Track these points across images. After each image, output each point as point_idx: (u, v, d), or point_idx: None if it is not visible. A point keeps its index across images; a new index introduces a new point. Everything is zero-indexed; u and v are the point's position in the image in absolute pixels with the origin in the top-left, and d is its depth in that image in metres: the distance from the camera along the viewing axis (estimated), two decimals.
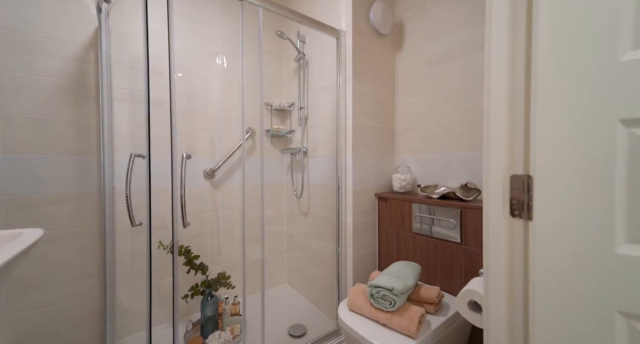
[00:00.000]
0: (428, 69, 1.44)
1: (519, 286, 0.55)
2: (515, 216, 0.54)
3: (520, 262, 0.54)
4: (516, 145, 0.54)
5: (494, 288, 0.58)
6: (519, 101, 0.53)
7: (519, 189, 0.53)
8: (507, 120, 0.55)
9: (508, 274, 0.56)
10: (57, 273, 1.25)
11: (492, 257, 0.58)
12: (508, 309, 0.56)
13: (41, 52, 1.20)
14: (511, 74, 0.54)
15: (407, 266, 1.06)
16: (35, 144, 1.20)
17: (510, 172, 0.55)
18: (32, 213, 1.19)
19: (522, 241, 0.54)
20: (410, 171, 1.50)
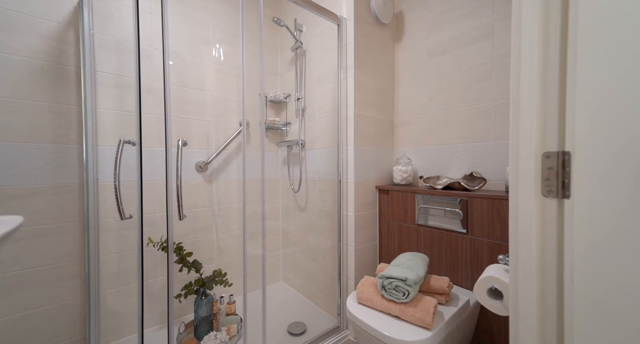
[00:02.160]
0: (429, 59, 1.43)
1: (552, 269, 0.52)
2: (548, 195, 0.52)
3: (554, 243, 0.52)
4: (549, 119, 0.51)
5: (524, 273, 0.56)
6: (553, 69, 0.51)
7: (553, 167, 0.51)
8: (539, 92, 0.52)
9: (539, 258, 0.54)
10: (33, 274, 1.13)
11: (522, 240, 0.56)
12: (539, 295, 0.54)
13: (13, 29, 1.08)
14: (544, 35, 0.51)
15: (416, 257, 1.03)
16: (6, 131, 1.07)
17: (542, 150, 0.53)
18: (4, 207, 1.06)
19: (556, 221, 0.52)
20: (411, 163, 1.48)
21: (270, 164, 1.90)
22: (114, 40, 1.28)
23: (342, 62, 1.39)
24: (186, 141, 1.10)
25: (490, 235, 1.06)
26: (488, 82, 1.20)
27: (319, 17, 1.37)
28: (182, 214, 0.96)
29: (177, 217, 1.06)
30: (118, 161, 0.99)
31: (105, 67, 1.25)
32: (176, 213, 1.23)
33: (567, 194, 0.50)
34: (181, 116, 1.50)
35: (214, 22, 1.61)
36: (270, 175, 1.91)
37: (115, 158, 1.01)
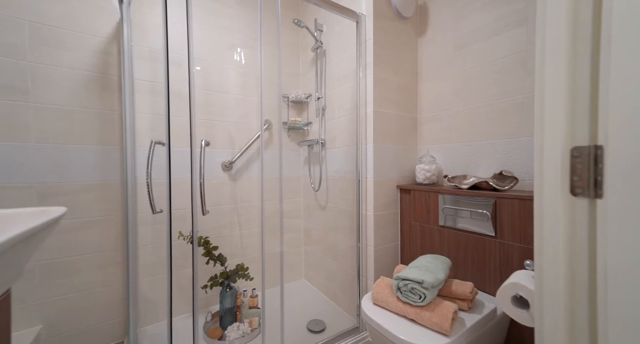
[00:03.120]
0: (454, 52, 1.35)
1: (582, 278, 0.47)
2: (578, 194, 0.47)
3: (584, 249, 0.47)
4: (579, 110, 0.46)
5: (549, 281, 0.51)
6: (583, 52, 0.45)
7: (584, 163, 0.46)
8: (567, 78, 0.47)
9: (567, 264, 0.49)
10: (83, 260, 1.28)
11: (547, 245, 0.51)
12: (568, 306, 0.49)
13: (67, 45, 1.23)
14: (574, 14, 0.46)
15: (436, 260, 0.98)
16: (63, 135, 1.23)
17: (570, 144, 0.47)
18: (61, 201, 1.22)
19: (587, 224, 0.46)
20: (435, 162, 1.41)
21: (292, 163, 1.94)
22: (149, 50, 1.40)
23: (361, 59, 1.37)
24: (209, 141, 1.17)
25: (522, 239, 0.97)
26: (521, 72, 1.10)
27: (338, 16, 1.36)
28: (204, 210, 1.03)
29: (202, 213, 1.13)
30: (150, 160, 1.08)
31: (141, 75, 1.37)
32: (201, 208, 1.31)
33: (599, 194, 0.44)
34: (208, 117, 1.59)
35: (238, 27, 1.69)
36: (292, 174, 1.94)
37: (147, 158, 1.10)
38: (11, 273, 0.52)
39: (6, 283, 0.53)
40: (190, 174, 0.99)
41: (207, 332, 1.36)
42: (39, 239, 0.54)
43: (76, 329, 1.27)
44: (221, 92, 1.63)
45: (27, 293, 1.17)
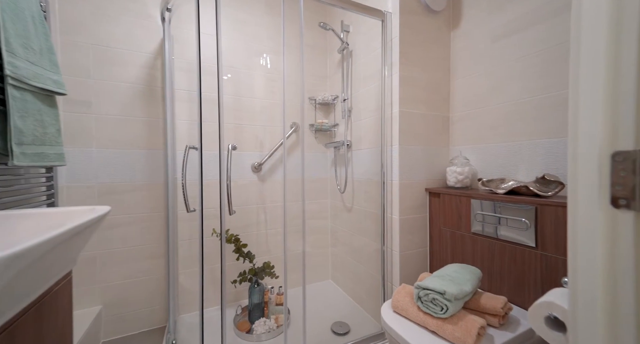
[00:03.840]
0: (492, 44, 1.24)
1: (627, 303, 0.40)
2: (620, 206, 0.40)
3: (629, 270, 0.40)
4: (623, 109, 0.40)
5: (585, 304, 0.44)
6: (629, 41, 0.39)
7: (628, 170, 0.39)
8: (606, 73, 0.41)
9: (607, 287, 0.42)
10: (134, 251, 1.45)
11: (582, 263, 0.45)
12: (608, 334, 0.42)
13: (121, 62, 1.40)
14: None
15: (464, 269, 0.92)
16: (118, 141, 1.41)
17: (610, 149, 0.41)
18: (116, 198, 1.40)
19: (632, 241, 0.40)
20: (468, 163, 1.31)
21: (319, 164, 1.96)
22: (187, 62, 1.53)
23: (386, 58, 1.34)
24: (235, 145, 1.24)
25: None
26: (567, 64, 0.97)
27: (363, 16, 1.35)
28: (231, 210, 1.10)
29: (228, 213, 1.20)
30: (184, 164, 1.19)
31: (181, 85, 1.51)
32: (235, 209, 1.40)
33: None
34: (238, 122, 1.68)
35: (267, 34, 1.76)
36: (319, 175, 1.96)
37: (183, 161, 1.21)
38: (69, 258, 0.62)
39: (65, 267, 0.63)
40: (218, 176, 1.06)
41: (237, 325, 1.45)
42: (90, 232, 0.63)
43: (128, 312, 1.44)
44: (251, 97, 1.72)
45: (90, 278, 1.37)
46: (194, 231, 1.56)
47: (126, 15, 1.40)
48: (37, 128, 0.92)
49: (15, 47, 0.83)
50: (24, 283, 0.46)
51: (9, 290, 0.41)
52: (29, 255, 0.39)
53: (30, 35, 0.90)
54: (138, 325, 1.47)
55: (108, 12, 1.37)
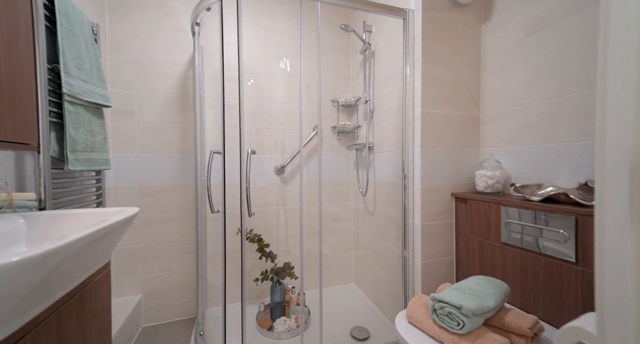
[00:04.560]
0: (526, 37, 1.13)
1: None
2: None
3: None
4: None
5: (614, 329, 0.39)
6: None
7: None
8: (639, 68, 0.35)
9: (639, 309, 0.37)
10: (168, 246, 1.59)
11: (610, 284, 0.39)
12: None
13: (159, 75, 1.55)
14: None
15: (488, 283, 0.85)
16: (155, 146, 1.55)
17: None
18: (153, 198, 1.55)
19: None
20: (500, 167, 1.21)
21: (342, 166, 1.95)
22: (214, 71, 1.63)
23: (408, 57, 1.29)
24: (255, 149, 1.29)
25: None
26: None
27: (384, 16, 1.31)
28: (250, 211, 1.15)
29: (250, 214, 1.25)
30: (209, 167, 1.27)
31: (210, 93, 1.61)
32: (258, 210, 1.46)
33: None
34: (262, 126, 1.75)
35: (290, 39, 1.80)
36: (342, 178, 1.96)
37: (207, 164, 1.30)
38: (105, 252, 0.70)
39: (102, 259, 0.72)
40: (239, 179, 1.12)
41: (259, 321, 1.50)
42: (122, 229, 0.72)
43: (164, 301, 1.59)
44: (274, 101, 1.77)
45: (132, 269, 1.53)
46: (220, 229, 1.66)
47: (163, 31, 1.54)
48: (88, 137, 1.05)
49: (70, 69, 0.97)
50: (66, 271, 0.53)
51: (54, 277, 0.48)
52: (67, 250, 0.45)
53: (83, 57, 1.04)
54: (172, 314, 1.60)
55: (147, 30, 1.52)
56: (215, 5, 1.16)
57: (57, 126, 0.94)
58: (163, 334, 1.48)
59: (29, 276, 0.39)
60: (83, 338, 0.68)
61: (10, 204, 0.71)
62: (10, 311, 0.41)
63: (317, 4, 1.16)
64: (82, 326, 0.68)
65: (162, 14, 1.54)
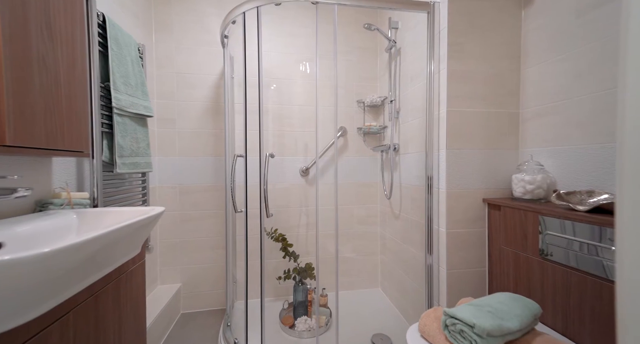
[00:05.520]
0: (576, 20, 0.97)
1: None
2: None
3: None
4: None
5: None
6: None
7: None
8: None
9: None
10: (204, 241, 1.74)
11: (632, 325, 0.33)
12: None
13: (196, 85, 1.70)
14: None
15: (515, 302, 0.76)
16: (193, 149, 1.71)
17: None
18: (191, 197, 1.71)
19: None
20: (542, 170, 1.07)
21: (367, 168, 1.91)
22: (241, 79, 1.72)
23: (434, 53, 1.21)
24: (274, 153, 1.34)
25: None
26: None
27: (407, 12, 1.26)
28: (268, 213, 1.19)
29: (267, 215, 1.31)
30: (233, 170, 1.36)
31: (238, 100, 1.72)
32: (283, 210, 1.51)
33: None
34: (286, 129, 1.80)
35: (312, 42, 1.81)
36: (368, 180, 1.91)
37: (231, 167, 1.38)
38: (134, 244, 0.80)
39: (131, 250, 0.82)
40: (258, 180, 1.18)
41: (282, 319, 1.56)
42: (151, 226, 0.82)
43: (199, 291, 1.74)
44: (297, 105, 1.81)
45: (173, 260, 1.71)
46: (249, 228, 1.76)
47: (199, 45, 1.69)
48: (133, 144, 1.21)
49: (119, 85, 1.12)
50: (102, 257, 0.63)
51: (93, 260, 0.58)
52: (95, 241, 0.54)
53: (129, 75, 1.20)
54: (207, 304, 1.75)
55: (186, 45, 1.68)
56: (239, 17, 1.24)
57: (108, 135, 1.11)
58: (198, 321, 1.63)
59: (70, 259, 0.49)
60: (119, 318, 0.79)
61: (68, 202, 0.85)
62: (56, 287, 0.50)
63: (334, 6, 1.16)
64: (118, 308, 0.79)
65: (198, 29, 1.69)
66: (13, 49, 0.65)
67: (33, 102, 0.70)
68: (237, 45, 1.66)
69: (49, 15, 0.76)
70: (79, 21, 0.88)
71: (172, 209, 1.70)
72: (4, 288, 0.40)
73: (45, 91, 0.73)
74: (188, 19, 1.68)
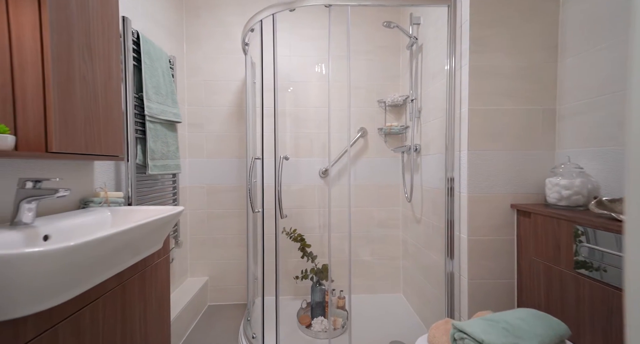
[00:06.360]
0: (623, 2, 0.85)
1: None
2: None
3: None
4: None
5: None
6: None
7: None
8: None
9: None
10: (229, 239, 1.84)
11: None
12: None
13: (221, 91, 1.81)
14: None
15: (538, 320, 0.68)
16: (219, 152, 1.82)
17: None
18: (217, 197, 1.82)
19: None
20: (582, 174, 0.95)
21: (389, 170, 1.86)
22: None
23: (455, 48, 1.14)
24: (288, 155, 1.36)
25: None
26: None
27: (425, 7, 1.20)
28: (282, 214, 1.22)
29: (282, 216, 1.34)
30: (250, 171, 1.41)
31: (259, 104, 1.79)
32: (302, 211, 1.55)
33: None
34: (306, 131, 1.82)
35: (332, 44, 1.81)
36: (390, 181, 1.86)
37: (249, 169, 1.44)
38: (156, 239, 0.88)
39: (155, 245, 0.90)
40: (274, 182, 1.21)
41: (299, 318, 1.59)
42: (171, 223, 0.89)
43: (224, 286, 1.85)
44: (315, 106, 1.82)
45: (202, 255, 1.84)
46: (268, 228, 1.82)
47: (224, 53, 1.79)
48: (164, 147, 1.33)
49: (150, 95, 1.24)
50: (128, 250, 0.71)
51: (117, 253, 0.65)
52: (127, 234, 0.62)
53: (160, 85, 1.32)
54: (231, 298, 1.85)
55: (214, 54, 1.79)
56: (257, 25, 1.29)
57: (142, 140, 1.23)
58: (223, 314, 1.73)
59: (94, 251, 0.57)
60: (144, 306, 0.88)
61: (105, 200, 0.97)
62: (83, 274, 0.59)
63: (348, 8, 1.15)
64: (144, 297, 0.87)
65: (223, 38, 1.79)
66: (59, 70, 0.76)
67: (75, 114, 0.81)
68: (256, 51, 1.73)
69: (89, 37, 0.87)
70: (114, 40, 0.99)
71: (200, 208, 1.82)
72: (41, 273, 0.48)
73: (85, 103, 0.84)
74: (215, 30, 1.79)
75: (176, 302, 1.49)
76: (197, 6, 1.78)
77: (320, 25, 1.81)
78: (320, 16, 1.81)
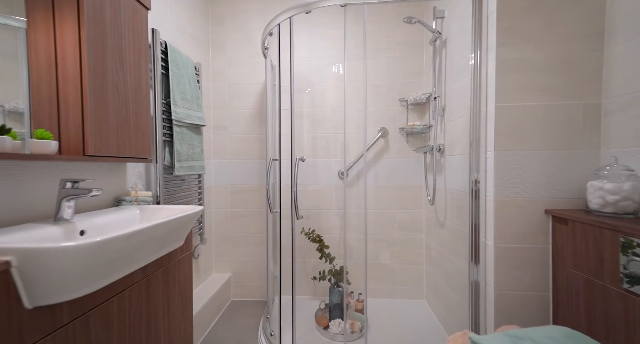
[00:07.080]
0: None
1: None
2: None
3: None
4: None
5: None
6: None
7: None
8: None
9: None
10: (250, 237, 1.90)
11: None
12: None
13: (244, 94, 1.87)
14: None
15: (570, 340, 0.61)
16: (242, 153, 1.89)
17: None
18: (240, 196, 1.89)
19: None
20: (633, 176, 0.83)
21: (411, 171, 1.78)
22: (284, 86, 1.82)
23: (481, 42, 1.07)
24: (304, 157, 1.37)
25: None
26: None
27: None
28: (298, 215, 1.23)
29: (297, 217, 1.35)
30: (268, 172, 1.44)
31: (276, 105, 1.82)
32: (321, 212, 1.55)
33: None
34: (324, 131, 1.82)
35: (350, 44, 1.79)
36: (412, 183, 1.79)
37: (267, 170, 1.47)
38: (179, 237, 0.94)
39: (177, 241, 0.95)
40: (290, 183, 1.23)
41: (317, 318, 1.59)
42: (191, 222, 0.94)
43: (247, 283, 1.91)
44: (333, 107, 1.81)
45: (226, 252, 1.92)
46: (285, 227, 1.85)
47: (246, 57, 1.85)
48: (189, 149, 1.41)
49: (177, 100, 1.32)
50: (152, 245, 0.77)
51: (144, 247, 0.71)
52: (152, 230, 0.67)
53: (186, 90, 1.40)
54: (253, 294, 1.91)
55: (236, 59, 1.86)
56: (275, 29, 1.31)
57: (169, 143, 1.31)
58: (245, 310, 1.79)
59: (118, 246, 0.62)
60: (167, 299, 0.94)
61: (136, 199, 1.05)
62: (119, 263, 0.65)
63: (364, 6, 1.13)
64: (167, 290, 0.93)
65: (246, 44, 1.85)
66: (95, 80, 0.84)
67: (108, 120, 0.88)
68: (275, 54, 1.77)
69: (121, 49, 0.95)
70: (144, 51, 1.07)
71: (224, 207, 1.90)
72: (76, 263, 0.54)
73: (116, 110, 0.92)
74: (237, 36, 1.86)
75: (201, 296, 1.57)
76: (222, 14, 1.86)
77: (338, 26, 1.80)
78: (339, 16, 1.79)
